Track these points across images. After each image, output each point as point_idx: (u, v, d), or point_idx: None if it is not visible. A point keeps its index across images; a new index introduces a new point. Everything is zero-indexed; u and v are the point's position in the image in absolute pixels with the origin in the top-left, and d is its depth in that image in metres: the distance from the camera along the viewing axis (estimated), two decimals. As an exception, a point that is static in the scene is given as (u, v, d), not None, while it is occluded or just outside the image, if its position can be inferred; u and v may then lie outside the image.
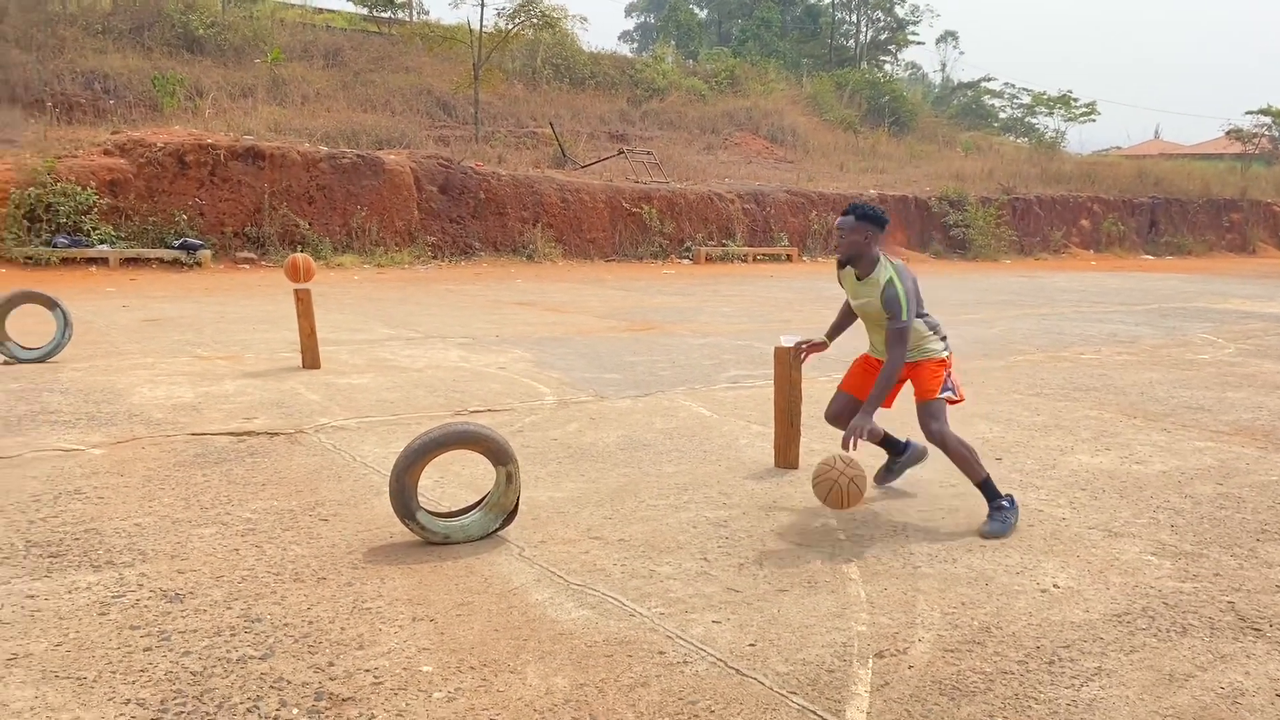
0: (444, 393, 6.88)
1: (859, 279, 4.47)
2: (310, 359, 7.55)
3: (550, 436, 5.77)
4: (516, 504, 4.09)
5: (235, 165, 17.38)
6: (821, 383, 7.48)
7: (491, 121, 28.16)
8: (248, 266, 16.65)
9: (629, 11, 76.27)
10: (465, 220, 20.29)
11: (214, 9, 29.25)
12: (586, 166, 25.36)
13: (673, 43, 54.94)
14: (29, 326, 7.82)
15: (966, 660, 3.06)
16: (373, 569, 3.69)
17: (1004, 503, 4.34)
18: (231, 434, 5.54)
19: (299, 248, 17.53)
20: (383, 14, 37.96)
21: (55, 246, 15.37)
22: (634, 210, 22.45)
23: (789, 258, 24.23)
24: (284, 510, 4.32)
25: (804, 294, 15.94)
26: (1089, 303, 15.43)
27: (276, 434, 5.58)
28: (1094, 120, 45.44)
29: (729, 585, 3.61)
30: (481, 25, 26.47)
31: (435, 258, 19.31)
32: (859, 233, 4.39)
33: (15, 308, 7.47)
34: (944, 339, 4.54)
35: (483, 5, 26.37)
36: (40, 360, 7.38)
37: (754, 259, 23.46)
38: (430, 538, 3.94)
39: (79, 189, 15.89)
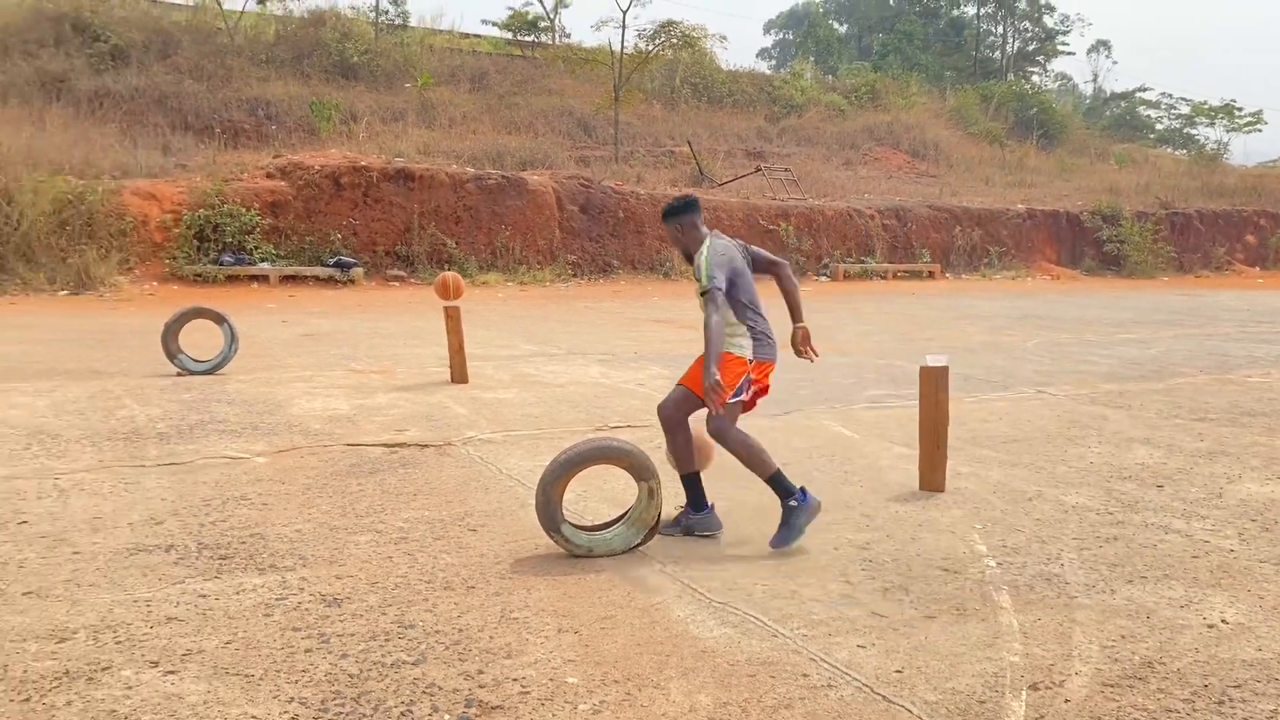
0: (585, 408, 6.98)
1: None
2: (458, 374, 7.78)
3: (690, 453, 5.78)
4: (658, 519, 4.12)
5: (387, 186, 18.10)
6: (968, 404, 7.28)
7: (630, 141, 28.53)
8: (397, 284, 17.29)
9: (767, 29, 76.15)
10: (604, 239, 20.60)
11: (368, 37, 30.58)
12: (724, 184, 25.41)
13: (811, 59, 54.56)
14: (199, 340, 8.31)
15: (1127, 697, 2.92)
16: (519, 579, 3.77)
17: (794, 500, 4.23)
18: (385, 445, 5.76)
19: (446, 266, 18.11)
20: (526, 38, 38.99)
21: (221, 264, 16.31)
22: (771, 227, 22.36)
23: (931, 275, 23.68)
24: (434, 519, 4.46)
25: (947, 312, 15.55)
26: (1255, 322, 14.54)
27: (427, 446, 5.77)
28: (1260, 130, 42.97)
29: (874, 610, 3.54)
30: (623, 47, 26.88)
31: (575, 275, 19.65)
32: (673, 229, 4.47)
33: (188, 322, 7.96)
34: (759, 341, 4.41)
35: (624, 27, 26.78)
36: (209, 372, 7.84)
37: (894, 276, 23.02)
38: (574, 550, 4.00)
39: (243, 210, 16.83)
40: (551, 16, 39.73)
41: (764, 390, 4.54)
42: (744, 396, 4.40)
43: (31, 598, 3.47)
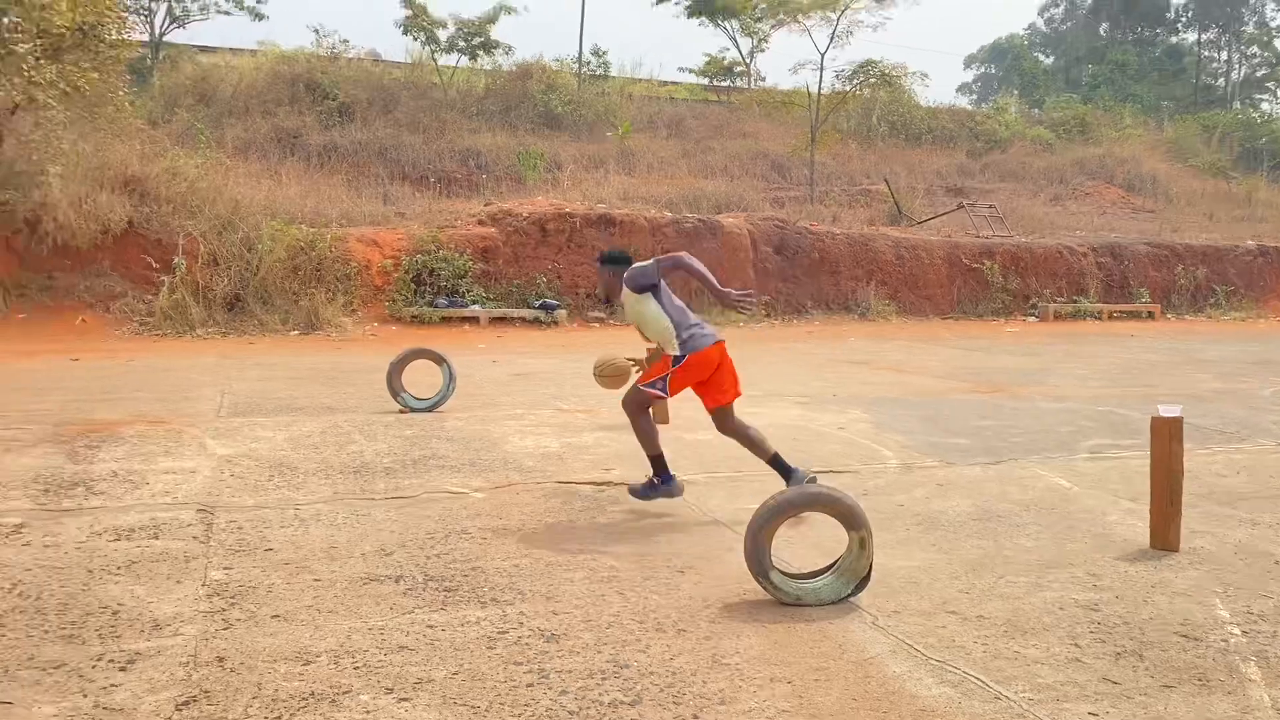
0: (785, 452, 6.93)
1: (623, 305, 5.39)
2: (660, 414, 7.89)
3: (896, 502, 5.66)
4: (869, 570, 4.05)
5: (589, 231, 18.68)
6: (1201, 456, 6.80)
7: (825, 181, 28.36)
8: (598, 325, 17.76)
9: (968, 63, 74.26)
10: (799, 279, 20.50)
11: (571, 88, 31.77)
12: (923, 222, 24.84)
13: (1015, 92, 52.76)
14: (419, 379, 8.78)
15: None
16: (729, 624, 3.78)
17: (660, 480, 5.34)
18: (593, 483, 5.92)
19: (643, 307, 18.48)
20: (722, 83, 39.58)
21: (436, 306, 17.21)
22: (974, 266, 21.66)
23: (1150, 315, 22.29)
24: (643, 559, 4.54)
25: (1171, 355, 14.59)
26: None
27: (621, 484, 5.88)
28: None
29: (1105, 675, 3.35)
30: (820, 88, 26.85)
31: (769, 316, 19.63)
32: (605, 274, 5.48)
33: (410, 362, 8.45)
34: (690, 338, 5.23)
35: (822, 69, 26.76)
36: (429, 410, 8.27)
37: (1109, 316, 21.80)
38: (783, 598, 3.98)
39: (457, 255, 17.74)
40: (747, 61, 40.22)
41: (721, 383, 5.48)
42: (658, 390, 5.29)
43: (279, 621, 3.75)
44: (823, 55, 26.74)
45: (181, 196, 17.08)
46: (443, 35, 30.63)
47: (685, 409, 8.41)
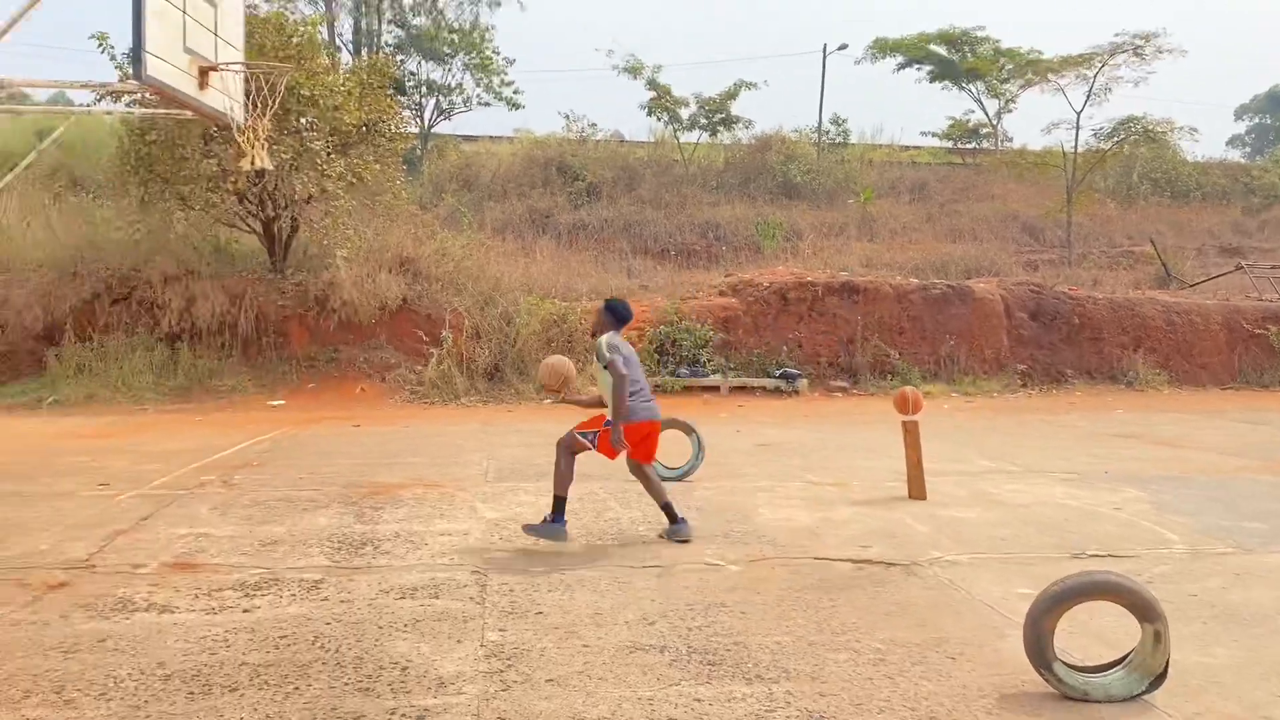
0: (1056, 532, 6.55)
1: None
2: (916, 490, 7.67)
3: (1187, 591, 5.20)
4: (1165, 667, 3.73)
5: (831, 300, 18.55)
6: None
7: (1082, 243, 26.92)
8: (840, 395, 17.51)
9: (1239, 114, 68.84)
10: (1057, 347, 19.44)
11: (810, 157, 31.90)
12: (1195, 285, 23.04)
13: (1295, 144, 48.33)
14: (666, 447, 8.92)
15: None
16: (1010, 718, 3.58)
17: (554, 520, 6.06)
18: (850, 560, 5.79)
19: (889, 377, 18.08)
20: (967, 145, 38.54)
21: (679, 376, 17.53)
22: (1258, 332, 19.80)
23: None
24: (910, 643, 4.38)
25: None
26: None
27: (892, 564, 5.72)
28: None
29: None
30: (1076, 147, 25.66)
31: (1024, 386, 18.68)
32: (603, 318, 6.31)
33: (661, 432, 8.62)
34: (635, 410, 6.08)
35: (1077, 128, 25.58)
36: (679, 479, 8.39)
37: None
38: (1068, 692, 3.73)
39: (698, 326, 18.05)
40: (994, 123, 39.01)
41: (646, 448, 6.40)
42: (588, 442, 6.17)
43: (553, 685, 3.88)
44: (1078, 114, 25.57)
45: (449, 275, 18.38)
46: (684, 114, 31.60)
47: (942, 484, 8.12)
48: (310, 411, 14.71)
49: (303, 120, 16.44)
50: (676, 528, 6.23)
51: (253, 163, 6.56)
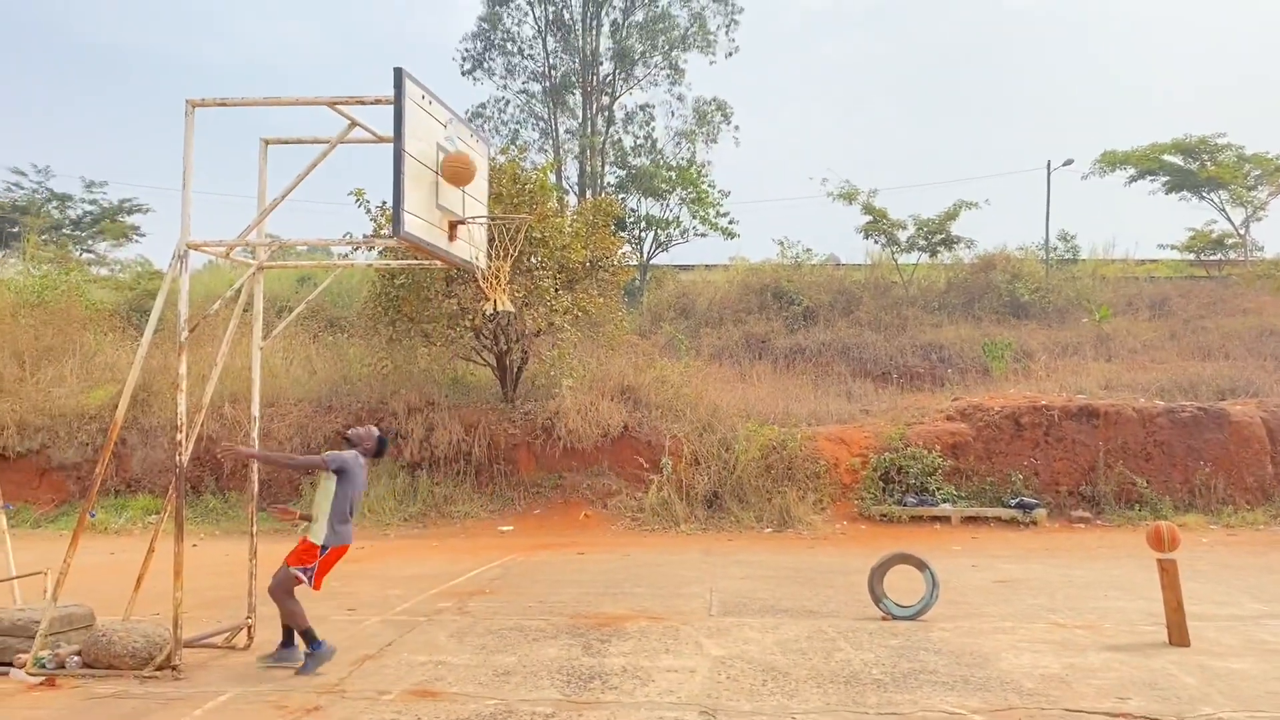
0: (1355, 692, 5.78)
1: None
2: (1178, 635, 7.00)
3: None
4: None
5: (1068, 425, 17.55)
6: None
7: (1353, 360, 24.35)
8: (1083, 526, 16.37)
9: None
10: (1334, 474, 17.51)
11: (1038, 275, 30.76)
12: None
13: None
14: (898, 584, 8.59)
15: None
16: None
17: (316, 648, 6.29)
18: (1107, 714, 5.32)
19: (1136, 506, 16.79)
20: (1211, 257, 36.13)
21: (905, 505, 16.93)
22: None
23: None
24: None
25: None
26: None
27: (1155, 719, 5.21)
28: None
29: None
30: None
31: (1292, 519, 16.86)
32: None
33: (893, 567, 8.32)
34: (334, 533, 6.34)
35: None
36: (912, 618, 8.02)
37: None
38: None
39: (925, 452, 17.46)
40: (1240, 232, 36.50)
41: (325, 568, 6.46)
42: (305, 579, 6.29)
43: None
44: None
45: (667, 402, 18.73)
46: (902, 236, 31.35)
47: (1208, 630, 7.38)
48: (536, 538, 15.15)
49: (533, 260, 17.43)
50: (287, 653, 6.47)
51: (495, 306, 6.99)
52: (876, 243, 31.98)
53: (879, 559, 8.40)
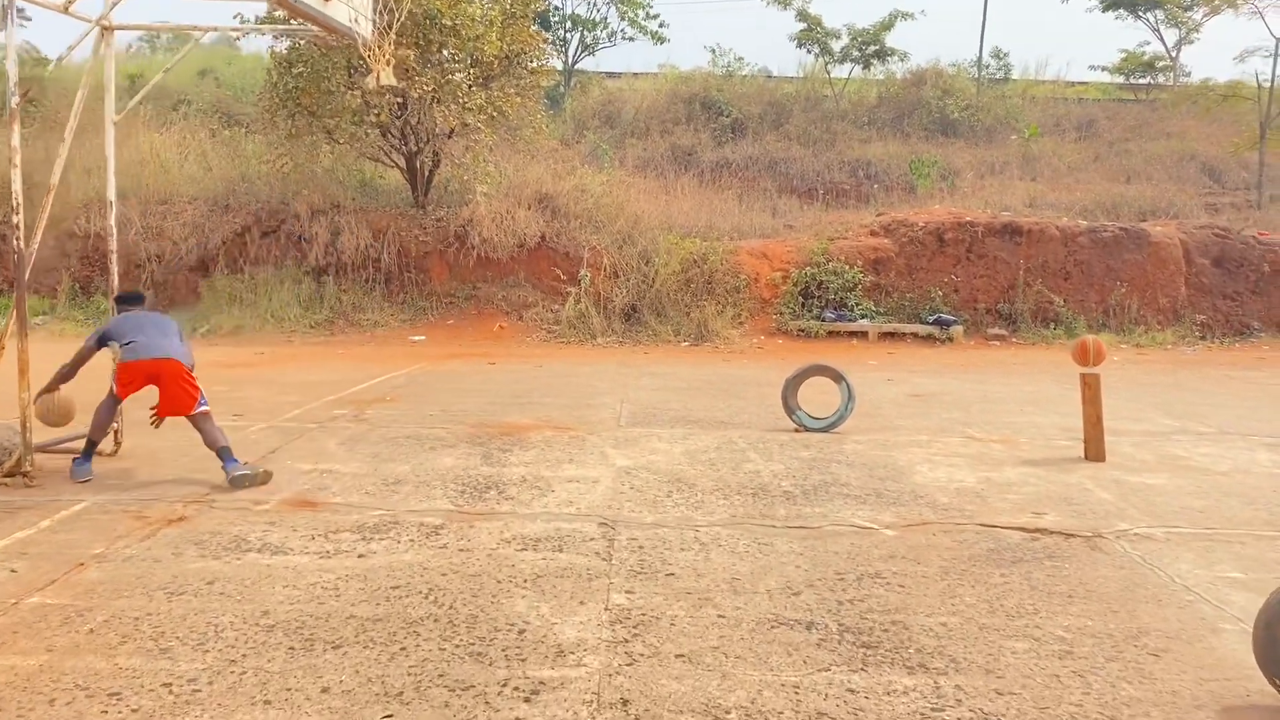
0: (1264, 505, 5.70)
1: None
2: (1095, 450, 6.87)
3: None
4: None
5: (991, 241, 17.36)
6: None
7: (1270, 185, 24.54)
8: (999, 343, 16.43)
9: None
10: (1242, 296, 17.76)
11: (969, 93, 30.10)
12: None
13: None
14: (812, 396, 8.33)
15: None
16: (1241, 740, 2.93)
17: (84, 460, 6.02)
18: (1022, 529, 5.12)
19: (1052, 325, 16.88)
20: (1140, 80, 35.77)
21: (824, 320, 16.77)
22: None
23: None
24: (1102, 634, 3.74)
25: None
26: None
27: (1072, 535, 5.03)
28: None
29: None
30: (1273, 77, 23.33)
31: (1203, 338, 17.15)
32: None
33: (809, 379, 8.02)
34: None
35: (1277, 54, 23.17)
36: (826, 430, 7.80)
37: None
38: (1313, 711, 3.05)
39: (846, 267, 17.19)
40: (1172, 55, 36.07)
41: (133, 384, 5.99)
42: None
43: (684, 662, 3.42)
44: (1278, 41, 23.15)
45: (587, 212, 18.01)
46: (836, 46, 30.21)
47: (1122, 445, 7.28)
48: (448, 347, 14.66)
49: (444, 51, 16.20)
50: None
51: (378, 80, 6.20)
52: (810, 52, 30.83)
53: (794, 370, 8.09)
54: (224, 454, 5.78)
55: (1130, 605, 4.06)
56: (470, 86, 16.34)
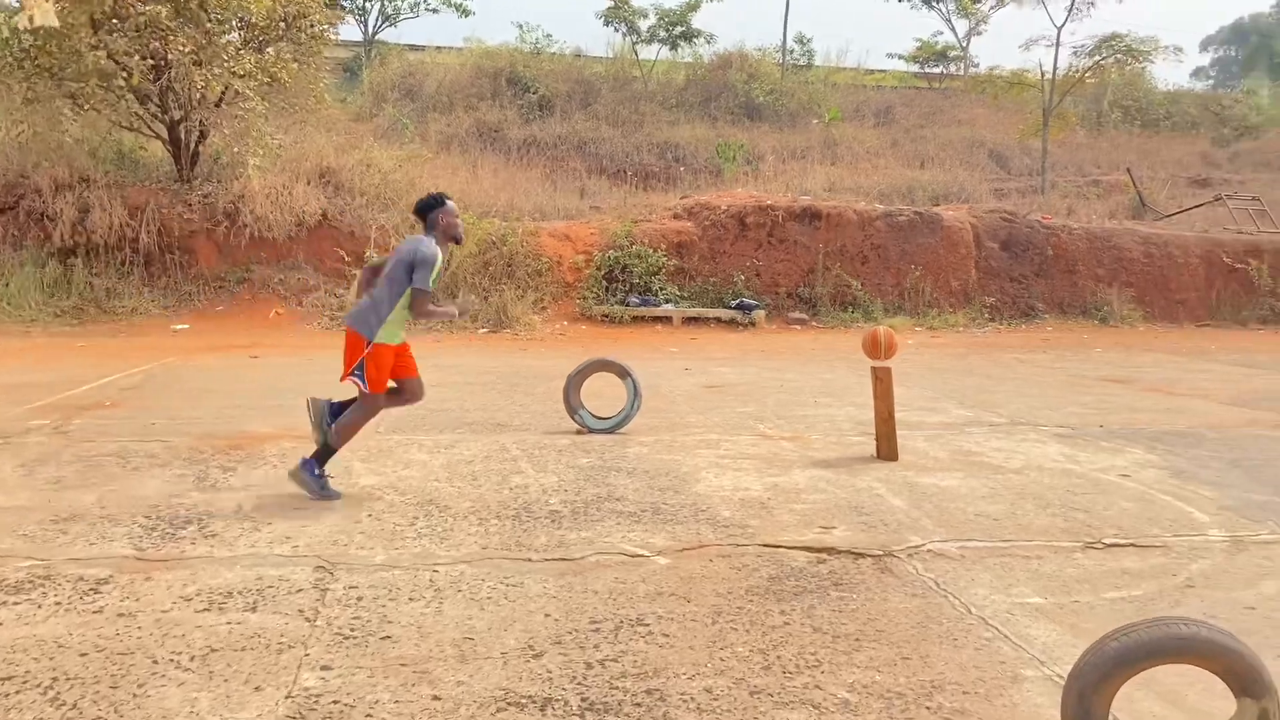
0: (1060, 509, 5.37)
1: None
2: (887, 449, 6.46)
3: (1241, 602, 4.02)
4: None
5: (792, 225, 17.22)
6: None
7: (1051, 171, 25.73)
8: (799, 327, 16.29)
9: (1204, 45, 68.43)
10: (1028, 279, 18.33)
11: (773, 78, 30.30)
12: (1171, 216, 21.98)
13: (1265, 76, 47.48)
14: (601, 389, 7.65)
15: None
16: None
17: (319, 471, 5.16)
18: (808, 549, 4.56)
19: (850, 309, 16.88)
20: (934, 69, 37.10)
21: (628, 305, 16.20)
22: (1238, 267, 18.82)
23: None
24: (891, 692, 3.16)
25: None
26: None
27: (861, 555, 4.50)
28: None
29: None
30: (1055, 64, 24.35)
31: (992, 320, 17.59)
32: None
33: (591, 374, 7.33)
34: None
35: (1058, 44, 24.16)
36: (611, 431, 7.12)
37: None
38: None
39: (650, 251, 16.67)
40: (963, 45, 37.57)
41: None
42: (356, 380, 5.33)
43: (373, 773, 2.61)
44: (1059, 29, 24.14)
45: (375, 189, 16.79)
46: (644, 26, 29.77)
47: (916, 440, 6.92)
48: (214, 338, 13.23)
49: (205, 10, 14.62)
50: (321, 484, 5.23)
51: (30, 20, 5.06)
52: (617, 31, 30.33)
53: (576, 366, 7.37)
54: None
55: (924, 649, 3.52)
56: (239, 49, 14.84)
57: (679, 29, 29.80)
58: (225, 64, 14.51)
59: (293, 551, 4.36)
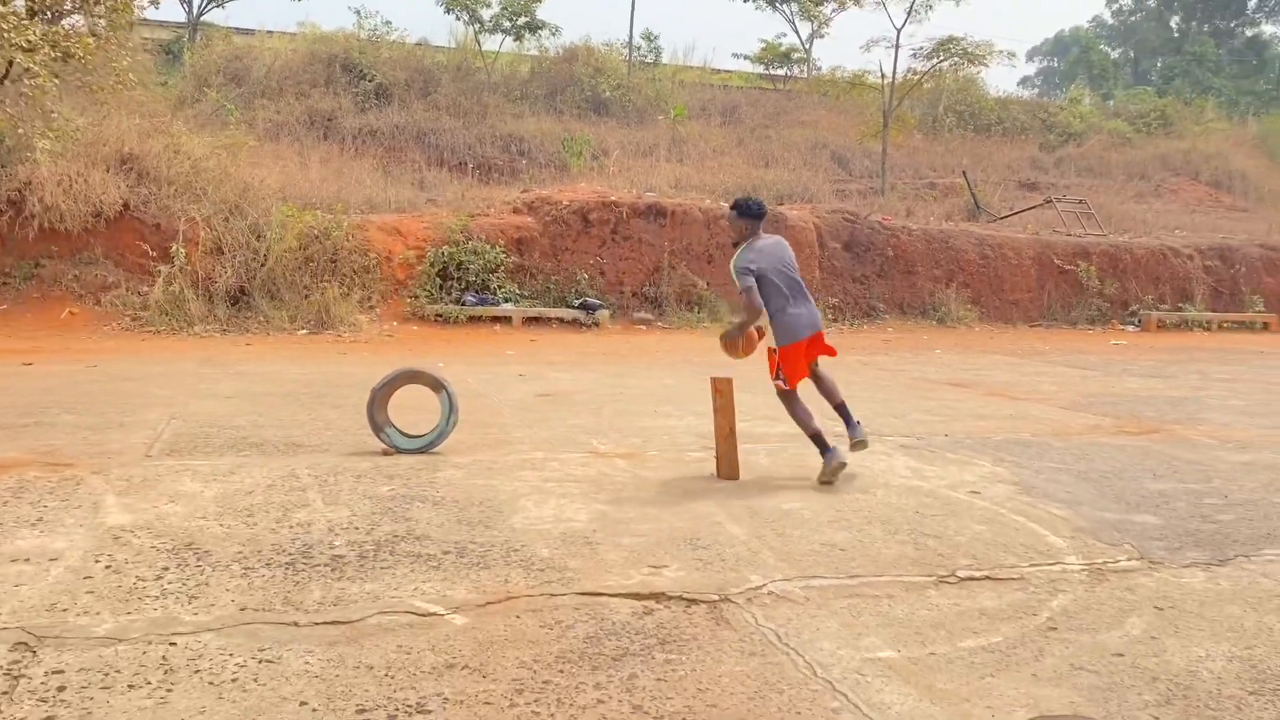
0: (910, 534, 4.93)
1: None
2: (727, 468, 5.93)
3: (1108, 648, 3.60)
4: None
5: (637, 223, 16.73)
6: None
7: (890, 173, 26.19)
8: (644, 328, 15.81)
9: (1030, 56, 72.38)
10: (870, 279, 18.41)
11: (620, 73, 29.87)
12: (1004, 218, 22.58)
13: (1085, 85, 50.18)
14: (418, 402, 6.87)
15: None
16: None
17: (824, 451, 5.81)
18: (634, 596, 3.94)
19: (695, 309, 16.51)
20: (778, 71, 37.47)
21: (464, 304, 15.37)
22: (1068, 268, 19.39)
23: (1266, 326, 19.86)
24: (721, 800, 2.56)
25: (1322, 380, 12.29)
26: None
27: (694, 601, 3.90)
28: None
29: None
30: (895, 66, 24.69)
31: (835, 321, 17.55)
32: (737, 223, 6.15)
33: (400, 387, 6.53)
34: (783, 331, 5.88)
35: (897, 45, 24.49)
36: (422, 451, 6.35)
37: (1220, 327, 19.43)
38: None
39: (488, 247, 15.89)
40: (806, 47, 38.06)
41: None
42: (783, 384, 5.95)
43: None
44: (899, 31, 24.48)
45: (184, 178, 15.39)
46: (487, 15, 28.80)
47: (757, 454, 6.41)
48: (-11, 342, 11.75)
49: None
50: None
51: None
52: (459, 19, 29.28)
53: (382, 378, 6.56)
54: None
55: (761, 727, 2.94)
56: (22, 19, 13.28)
57: (523, 19, 28.98)
58: (7, 35, 12.93)
59: (-14, 625, 3.45)
